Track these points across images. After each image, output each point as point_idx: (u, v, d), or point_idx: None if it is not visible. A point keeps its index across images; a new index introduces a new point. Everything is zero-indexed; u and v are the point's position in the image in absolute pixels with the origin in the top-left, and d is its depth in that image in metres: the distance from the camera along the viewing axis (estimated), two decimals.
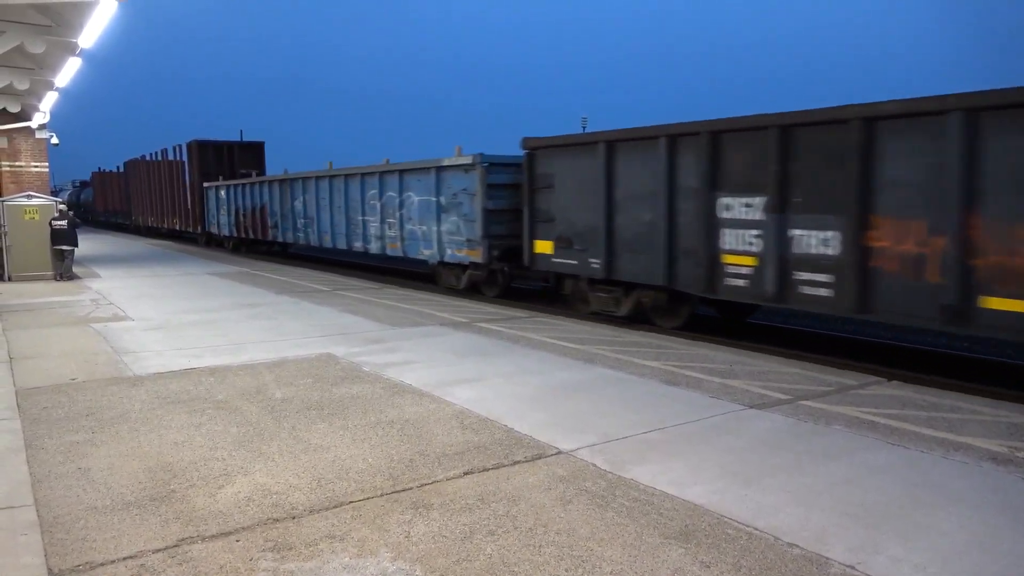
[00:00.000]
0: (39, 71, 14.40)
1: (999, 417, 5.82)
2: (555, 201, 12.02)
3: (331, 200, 19.23)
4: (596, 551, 3.63)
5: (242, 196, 25.64)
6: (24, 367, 7.82)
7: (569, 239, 11.78)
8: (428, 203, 15.21)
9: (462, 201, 14.10)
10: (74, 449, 5.19)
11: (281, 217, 22.59)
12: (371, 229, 17.54)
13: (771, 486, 4.43)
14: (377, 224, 17.22)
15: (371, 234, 17.58)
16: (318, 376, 7.29)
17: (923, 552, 3.60)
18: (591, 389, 6.74)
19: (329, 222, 19.51)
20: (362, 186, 17.78)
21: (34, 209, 16.47)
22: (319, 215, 20.05)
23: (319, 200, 19.94)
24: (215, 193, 28.31)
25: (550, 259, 12.21)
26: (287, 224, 22.31)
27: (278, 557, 3.60)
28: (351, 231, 18.55)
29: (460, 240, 14.33)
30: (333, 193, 19.14)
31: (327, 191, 19.46)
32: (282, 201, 22.47)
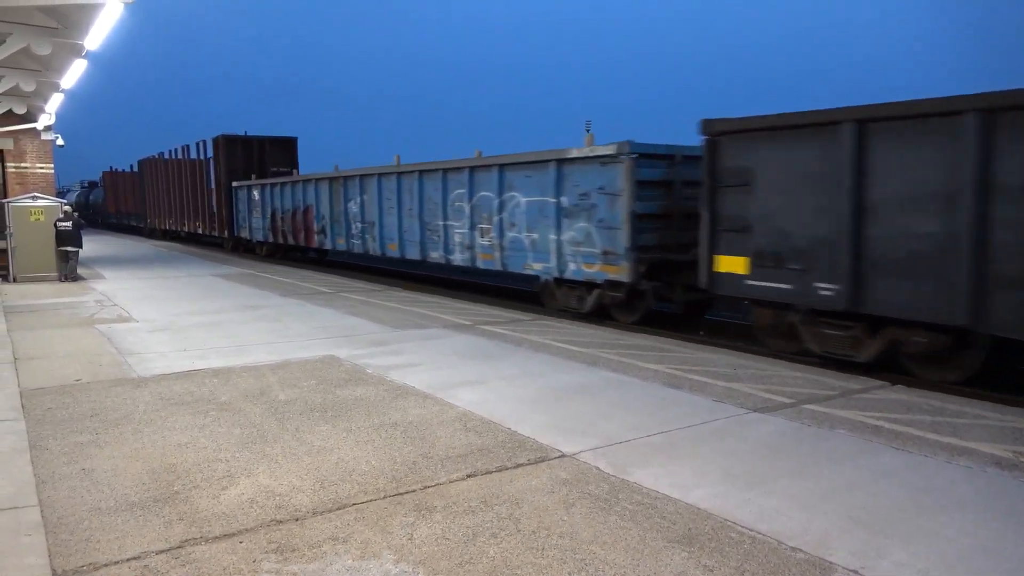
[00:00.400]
0: (45, 73, 14.45)
1: (1004, 422, 5.80)
2: (753, 204, 9.07)
3: (399, 201, 16.47)
4: (599, 554, 3.63)
5: (280, 197, 22.94)
6: (29, 368, 7.84)
7: (777, 255, 8.85)
8: (542, 205, 12.42)
9: (596, 203, 11.34)
10: (78, 450, 5.21)
11: (331, 221, 19.87)
12: (455, 237, 14.69)
13: (774, 490, 4.43)
14: (465, 231, 14.38)
15: (455, 243, 14.70)
16: (322, 378, 7.29)
17: (927, 557, 3.59)
18: (594, 392, 6.74)
19: (396, 227, 16.72)
20: (444, 185, 14.87)
21: (39, 210, 16.52)
22: (382, 219, 17.32)
23: (383, 201, 17.19)
24: (247, 193, 25.55)
25: (742, 281, 9.25)
26: (338, 229, 19.58)
27: (281, 559, 3.60)
28: (427, 239, 15.66)
29: (591, 252, 11.52)
30: (402, 193, 16.36)
31: (394, 191, 16.65)
32: (332, 202, 19.71)
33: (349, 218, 18.97)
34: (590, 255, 11.62)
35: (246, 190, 25.65)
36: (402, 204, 16.49)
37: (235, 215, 26.86)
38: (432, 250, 15.68)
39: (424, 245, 15.90)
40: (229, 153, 26.79)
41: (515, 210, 13.09)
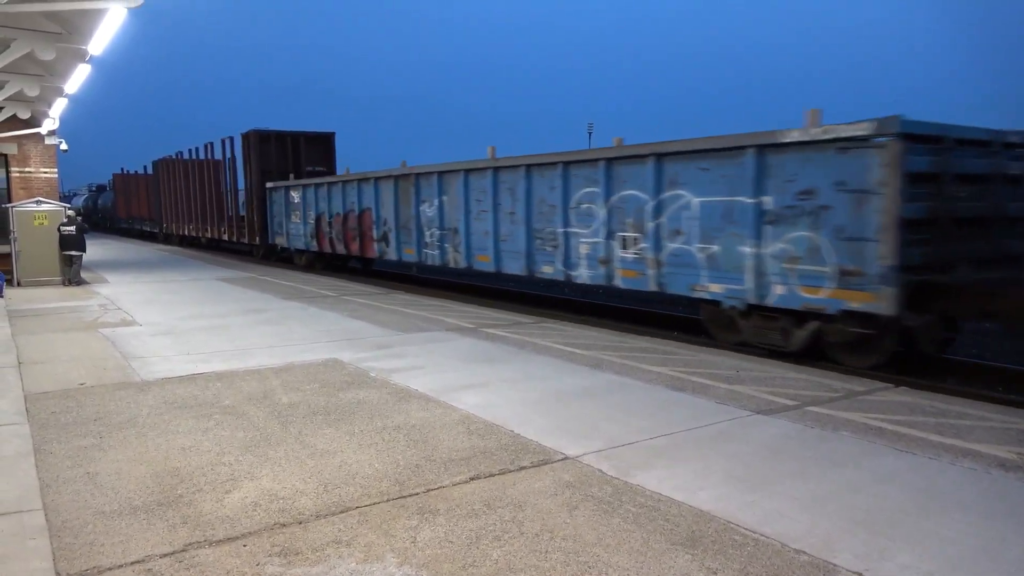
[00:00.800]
0: (49, 78, 14.50)
1: (1008, 423, 5.78)
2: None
3: (495, 203, 13.60)
4: (602, 557, 3.63)
5: (328, 199, 20.03)
6: (33, 372, 7.86)
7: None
8: (729, 208, 9.53)
9: (829, 204, 8.39)
10: (82, 454, 5.22)
11: (398, 228, 16.93)
12: (579, 247, 11.82)
13: (778, 492, 4.42)
14: (597, 240, 11.42)
15: (580, 255, 11.81)
16: (325, 381, 7.30)
17: (931, 559, 3.58)
18: (597, 395, 6.74)
19: (491, 235, 13.72)
20: (564, 182, 12.00)
21: (43, 215, 16.57)
22: (468, 225, 14.46)
23: (470, 204, 14.39)
24: (284, 196, 22.73)
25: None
26: (406, 236, 16.70)
27: (285, 562, 3.61)
28: (536, 249, 12.75)
29: (817, 272, 8.58)
30: (500, 193, 13.52)
31: (487, 190, 13.76)
32: (399, 205, 16.89)
33: (422, 224, 16.00)
34: (814, 275, 8.59)
35: (283, 192, 22.84)
36: (499, 207, 13.53)
37: (269, 220, 24.01)
38: (543, 263, 12.60)
39: (532, 257, 12.78)
40: (261, 151, 24.06)
41: (681, 214, 10.06)
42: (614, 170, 11.19)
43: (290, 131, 24.64)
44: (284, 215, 22.99)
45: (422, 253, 16.26)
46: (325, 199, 20.36)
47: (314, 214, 20.94)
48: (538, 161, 12.67)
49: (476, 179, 14.26)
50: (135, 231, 44.02)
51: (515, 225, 13.25)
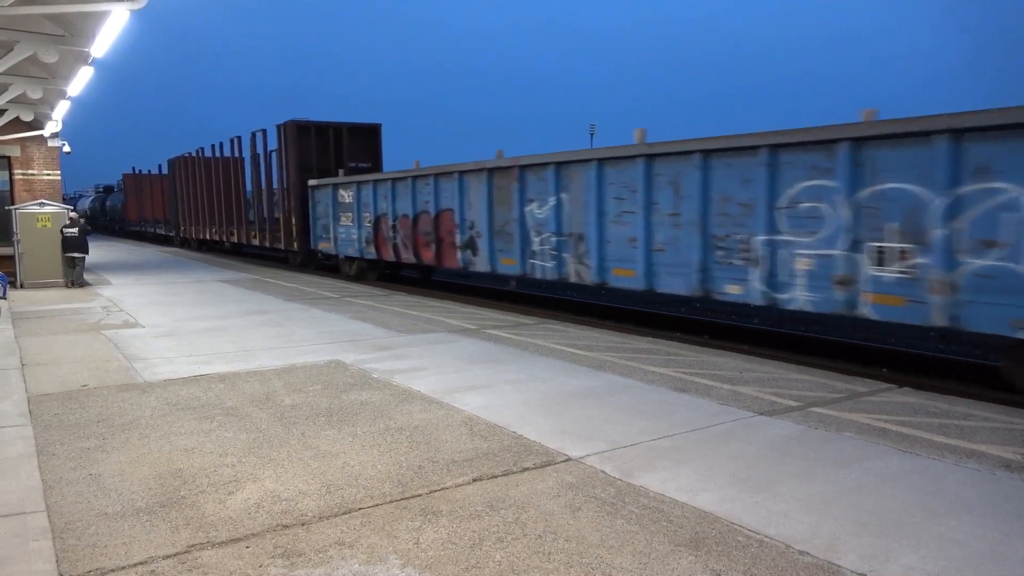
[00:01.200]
0: (52, 80, 14.52)
1: (1012, 424, 5.77)
2: None
3: (648, 201, 10.46)
4: (606, 559, 3.62)
5: (391, 198, 16.94)
6: (36, 374, 7.87)
7: None
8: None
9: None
10: (85, 455, 5.22)
11: (491, 233, 13.72)
12: (795, 261, 8.75)
13: (782, 493, 4.41)
14: (835, 252, 8.32)
15: (794, 270, 8.75)
16: (327, 383, 7.30)
17: (935, 560, 3.57)
18: (600, 396, 6.73)
19: (640, 242, 10.57)
20: (771, 172, 8.92)
21: (46, 217, 16.60)
22: (602, 229, 11.25)
23: (605, 202, 11.20)
24: (331, 195, 19.61)
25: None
26: (504, 243, 13.45)
27: (288, 564, 3.60)
28: (714, 262, 9.67)
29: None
30: (654, 189, 10.39)
31: (636, 185, 10.59)
32: (493, 205, 13.66)
33: (528, 228, 12.83)
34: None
35: (330, 190, 19.72)
36: (653, 206, 10.44)
37: (312, 223, 20.91)
38: (728, 281, 9.57)
39: (708, 273, 9.75)
40: (300, 145, 21.29)
41: (998, 217, 7.07)
42: (865, 154, 8.01)
43: (331, 122, 21.76)
44: (331, 217, 19.71)
45: (527, 264, 12.88)
46: (387, 198, 17.12)
47: (372, 216, 17.77)
48: (724, 146, 9.44)
49: (616, 171, 11.02)
50: (147, 234, 41.65)
51: (680, 230, 10.06)
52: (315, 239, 20.91)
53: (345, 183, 19.10)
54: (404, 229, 16.64)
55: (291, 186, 21.60)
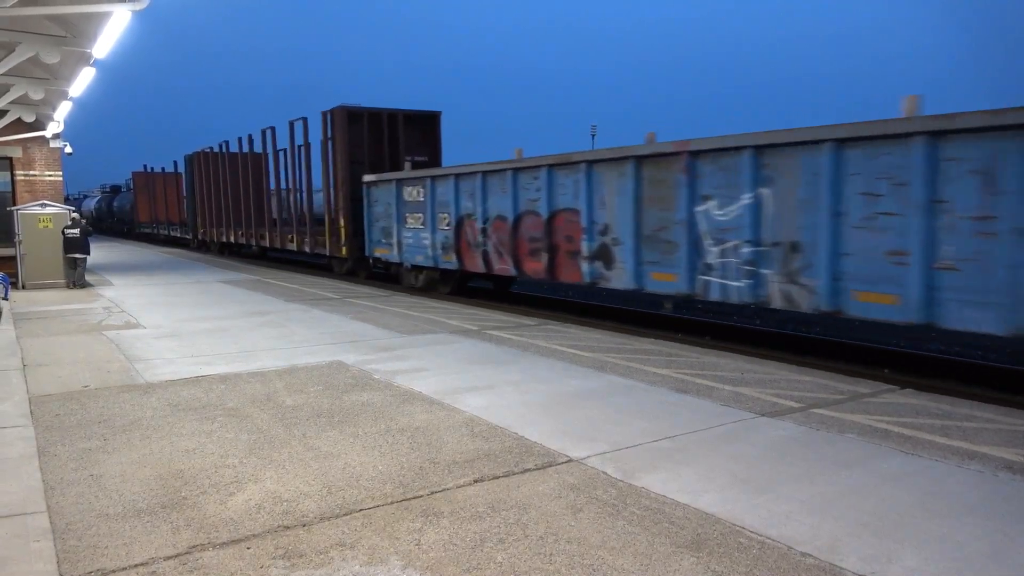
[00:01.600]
0: (53, 81, 14.54)
1: (1015, 426, 5.76)
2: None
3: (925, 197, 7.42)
4: (607, 560, 3.61)
5: (481, 196, 13.79)
6: (37, 374, 7.87)
7: None
8: None
9: None
10: (86, 456, 5.22)
11: (638, 239, 10.72)
12: None
13: (784, 495, 4.40)
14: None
15: None
16: (328, 383, 7.30)
17: (938, 562, 3.56)
18: (601, 397, 6.72)
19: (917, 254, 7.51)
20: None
21: (48, 218, 16.62)
22: (837, 235, 8.24)
23: (840, 199, 8.18)
24: (395, 192, 16.51)
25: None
26: (660, 253, 10.46)
27: (288, 565, 3.60)
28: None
29: None
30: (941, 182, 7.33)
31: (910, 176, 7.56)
32: (641, 203, 10.68)
33: (699, 234, 9.82)
34: None
35: (392, 187, 16.69)
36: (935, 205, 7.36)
37: (367, 225, 17.93)
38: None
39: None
40: (351, 134, 18.45)
41: None
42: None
43: (386, 109, 18.94)
44: (394, 219, 16.71)
45: (696, 282, 9.90)
46: (475, 196, 14.02)
47: (453, 216, 14.75)
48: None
49: (867, 156, 7.94)
50: (160, 236, 38.95)
51: (993, 241, 6.94)
52: (370, 244, 17.85)
53: (414, 178, 15.99)
54: (498, 234, 13.50)
55: (339, 182, 18.62)
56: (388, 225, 17.15)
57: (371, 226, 17.90)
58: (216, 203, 28.61)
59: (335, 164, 18.83)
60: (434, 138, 19.50)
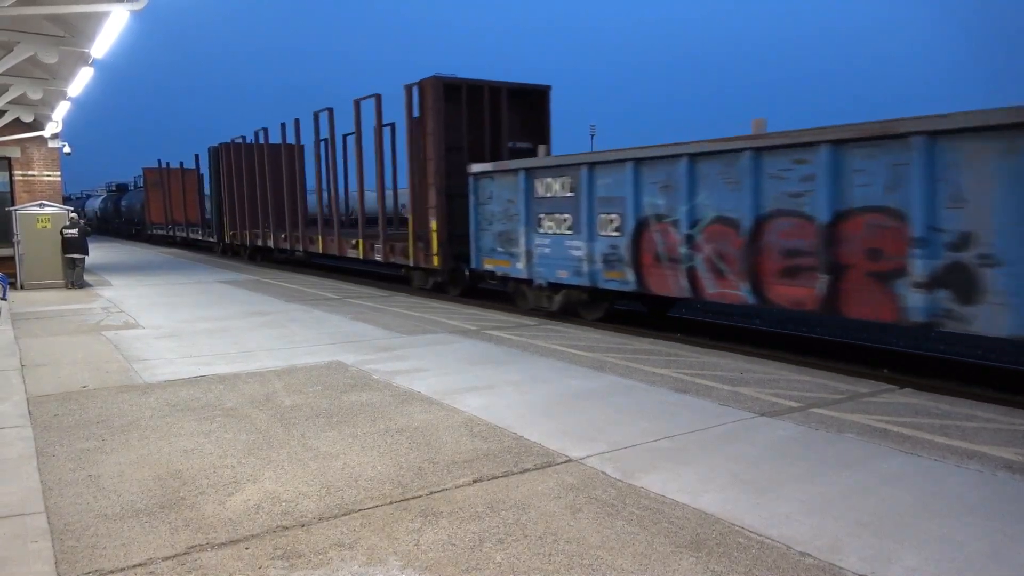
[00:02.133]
0: (52, 81, 14.52)
1: (1015, 425, 5.75)
2: None
3: None
4: (606, 560, 3.60)
5: (684, 188, 9.81)
6: (36, 375, 7.86)
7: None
8: None
9: None
10: (85, 456, 5.21)
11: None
12: None
13: (783, 495, 4.40)
14: None
15: None
16: (327, 384, 7.29)
17: (938, 562, 3.56)
18: (601, 397, 6.72)
19: None
20: None
21: (46, 218, 16.61)
22: None
23: None
24: (522, 186, 12.50)
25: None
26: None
27: (287, 565, 3.59)
28: None
29: None
30: None
31: None
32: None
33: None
34: None
35: (518, 179, 12.56)
36: None
37: (474, 229, 13.87)
38: None
39: None
40: (448, 113, 14.65)
41: None
42: None
43: (486, 81, 15.24)
44: (520, 220, 12.59)
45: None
46: (678, 189, 9.90)
47: (629, 218, 10.63)
48: None
49: None
50: (176, 239, 35.25)
51: None
52: (478, 253, 13.85)
53: (557, 167, 11.89)
54: (719, 243, 9.44)
55: (430, 174, 14.79)
56: (509, 229, 12.94)
57: (480, 230, 13.78)
58: (250, 201, 24.96)
59: (425, 151, 14.95)
60: (540, 122, 15.67)
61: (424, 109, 14.88)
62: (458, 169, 14.52)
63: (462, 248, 14.51)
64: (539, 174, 12.34)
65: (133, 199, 44.53)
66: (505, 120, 15.17)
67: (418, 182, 15.40)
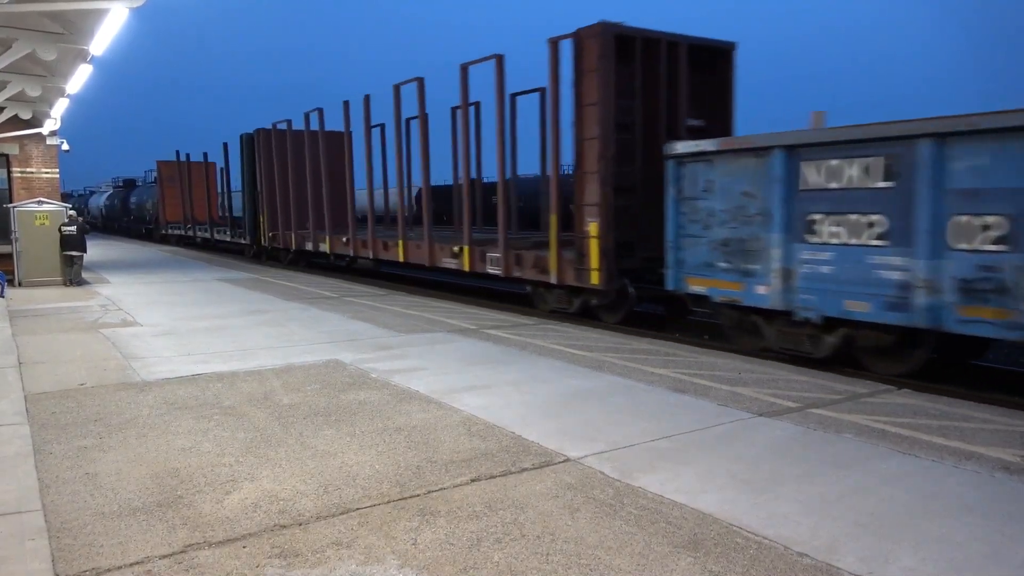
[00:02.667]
0: (50, 78, 14.51)
1: (1012, 426, 5.76)
2: None
3: None
4: (604, 560, 3.60)
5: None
6: (33, 372, 7.85)
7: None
8: None
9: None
10: (82, 454, 5.20)
11: None
12: None
13: (781, 495, 4.40)
14: None
15: None
16: (325, 382, 7.29)
17: (935, 562, 3.56)
18: (599, 396, 6.71)
19: None
20: None
21: (44, 215, 16.58)
22: None
23: None
24: (780, 172, 8.76)
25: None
26: None
27: (284, 564, 3.59)
28: None
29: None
30: None
31: None
32: None
33: None
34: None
35: (776, 162, 8.85)
36: None
37: (673, 234, 10.40)
38: None
39: None
40: (619, 75, 11.22)
41: None
42: None
43: (663, 33, 11.79)
44: (772, 224, 9.02)
45: None
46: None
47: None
48: None
49: None
50: (195, 240, 31.76)
51: None
52: (680, 269, 10.32)
53: (856, 142, 8.12)
54: None
55: (594, 159, 11.03)
56: (744, 235, 9.44)
57: (683, 236, 10.21)
58: (297, 197, 21.39)
59: (582, 127, 11.25)
60: (720, 93, 12.18)
61: (582, 71, 11.19)
62: (626, 153, 11.27)
63: (627, 260, 11.39)
64: (814, 153, 8.51)
65: (144, 195, 40.64)
66: (684, 88, 11.65)
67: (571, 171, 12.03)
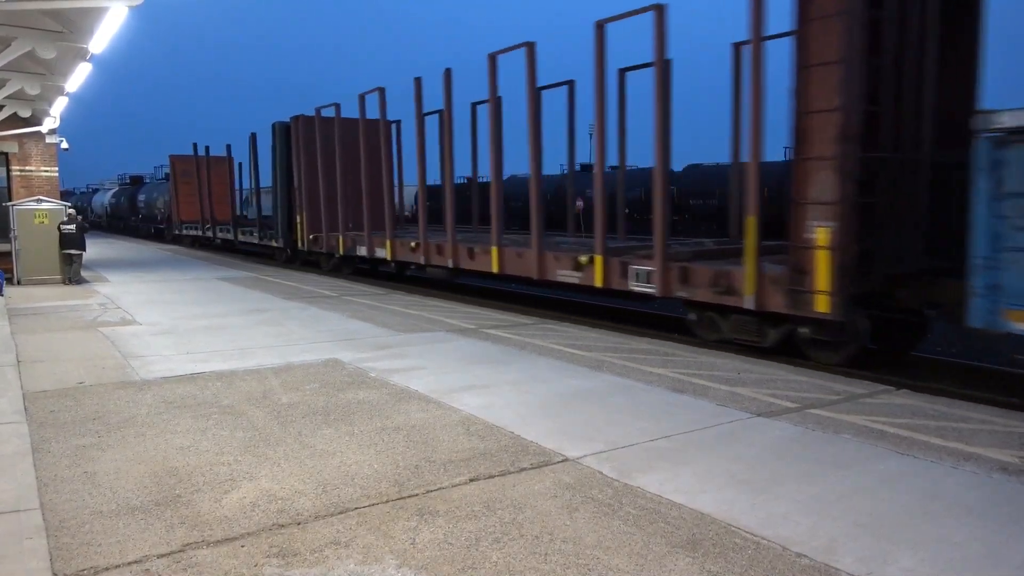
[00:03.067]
0: (50, 76, 14.48)
1: (1010, 427, 5.76)
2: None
3: None
4: (602, 559, 3.60)
5: None
6: (32, 371, 7.84)
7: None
8: None
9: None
10: (80, 453, 5.20)
11: None
12: None
13: (779, 495, 4.40)
14: None
15: None
16: (324, 381, 7.28)
17: (933, 563, 3.56)
18: (598, 396, 6.71)
19: None
20: None
21: (43, 213, 16.57)
22: None
23: None
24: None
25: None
26: None
27: (283, 563, 3.59)
28: None
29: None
30: None
31: None
32: None
33: None
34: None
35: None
36: None
37: (985, 252, 7.12)
38: None
39: None
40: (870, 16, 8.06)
41: None
42: None
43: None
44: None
45: None
46: None
47: None
48: None
49: None
50: (215, 241, 29.42)
51: None
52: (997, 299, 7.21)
53: None
54: None
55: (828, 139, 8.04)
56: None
57: (999, 250, 7.17)
58: (346, 194, 18.82)
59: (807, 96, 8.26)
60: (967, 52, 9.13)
61: (808, 17, 8.18)
62: (870, 133, 8.31)
63: (863, 280, 8.49)
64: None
65: (153, 193, 37.41)
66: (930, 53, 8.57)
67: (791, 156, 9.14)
